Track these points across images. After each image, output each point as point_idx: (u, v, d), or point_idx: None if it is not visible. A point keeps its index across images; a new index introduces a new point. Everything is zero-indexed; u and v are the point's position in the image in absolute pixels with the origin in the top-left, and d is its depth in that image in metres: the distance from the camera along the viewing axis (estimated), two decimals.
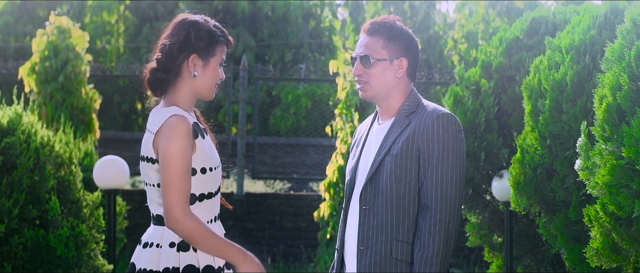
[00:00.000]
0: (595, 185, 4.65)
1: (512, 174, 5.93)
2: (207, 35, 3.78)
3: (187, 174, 3.63)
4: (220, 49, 3.81)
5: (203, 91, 3.81)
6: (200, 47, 3.77)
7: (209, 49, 3.78)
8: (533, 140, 5.77)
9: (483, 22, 19.73)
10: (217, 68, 3.81)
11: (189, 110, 3.79)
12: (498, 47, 6.96)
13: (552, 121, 5.60)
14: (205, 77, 3.79)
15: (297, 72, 17.48)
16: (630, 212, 4.47)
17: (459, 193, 3.91)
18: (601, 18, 5.73)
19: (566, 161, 5.54)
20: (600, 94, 4.76)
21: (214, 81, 3.81)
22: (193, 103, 3.84)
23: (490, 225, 7.13)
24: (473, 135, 6.77)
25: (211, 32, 3.80)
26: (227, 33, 3.88)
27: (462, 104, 6.94)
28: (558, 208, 5.76)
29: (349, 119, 10.63)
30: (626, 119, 4.55)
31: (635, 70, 4.54)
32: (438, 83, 14.71)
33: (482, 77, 6.94)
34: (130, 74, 16.54)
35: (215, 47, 3.80)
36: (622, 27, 4.80)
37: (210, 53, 3.78)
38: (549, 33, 6.61)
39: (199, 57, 3.76)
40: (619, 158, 4.49)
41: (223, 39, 3.83)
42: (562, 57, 5.74)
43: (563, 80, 5.60)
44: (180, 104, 3.75)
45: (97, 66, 15.95)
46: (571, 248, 5.60)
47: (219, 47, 3.81)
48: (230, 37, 3.88)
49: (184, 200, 3.62)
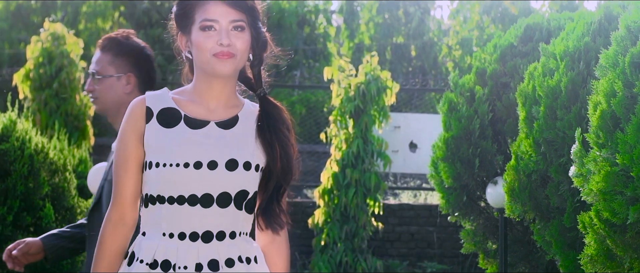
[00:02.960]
0: (589, 192, 4.65)
1: (507, 181, 5.93)
2: (179, 5, 3.09)
3: (119, 161, 3.04)
4: (199, 10, 3.02)
5: (203, 68, 3.04)
6: (178, 23, 3.10)
7: (186, 19, 3.06)
8: (527, 146, 5.77)
9: (477, 28, 19.77)
10: (200, 34, 2.99)
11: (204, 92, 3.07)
12: (492, 54, 6.97)
13: (547, 128, 5.60)
14: (195, 51, 3.02)
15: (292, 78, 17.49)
16: (624, 218, 4.47)
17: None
18: (595, 25, 5.74)
19: (560, 168, 5.54)
20: (595, 101, 4.76)
21: (204, 51, 2.99)
22: (211, 82, 3.06)
23: (484, 231, 7.13)
24: (467, 142, 6.77)
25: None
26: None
27: (456, 110, 6.94)
28: (552, 215, 5.76)
29: (343, 125, 10.64)
30: (620, 125, 4.55)
31: (630, 77, 4.54)
32: (432, 90, 14.72)
33: (477, 84, 6.95)
34: None
35: (191, 11, 3.04)
36: (616, 34, 4.80)
37: (189, 21, 3.04)
38: (543, 39, 6.62)
39: (183, 34, 3.09)
40: (613, 165, 4.49)
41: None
42: (556, 63, 5.74)
43: (557, 87, 5.61)
44: (189, 87, 3.12)
45: None
46: (566, 255, 5.60)
47: (196, 8, 3.03)
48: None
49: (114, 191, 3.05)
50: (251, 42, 3.07)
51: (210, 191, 2.98)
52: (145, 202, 3.03)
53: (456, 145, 6.85)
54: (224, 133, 3.05)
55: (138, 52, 4.12)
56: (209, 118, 3.06)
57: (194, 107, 3.07)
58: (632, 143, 4.36)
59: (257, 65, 3.13)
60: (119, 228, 3.04)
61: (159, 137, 3.00)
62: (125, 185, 3.03)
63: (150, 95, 3.08)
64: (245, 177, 3.03)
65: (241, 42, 3.03)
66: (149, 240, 3.01)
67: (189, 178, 2.97)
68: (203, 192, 2.98)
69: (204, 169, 2.97)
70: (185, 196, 2.97)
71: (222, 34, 2.98)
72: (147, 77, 4.11)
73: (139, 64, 4.09)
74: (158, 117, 3.03)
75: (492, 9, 19.43)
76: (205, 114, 3.07)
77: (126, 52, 4.09)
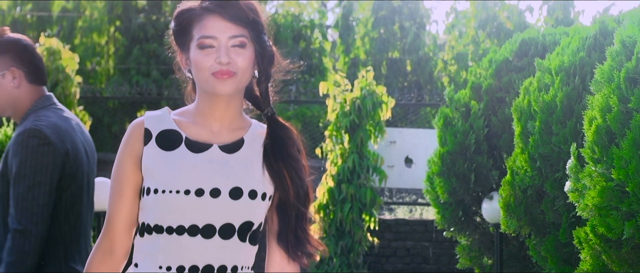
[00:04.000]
0: (585, 207, 4.64)
1: (502, 196, 5.92)
2: (176, 21, 2.83)
3: (113, 186, 2.81)
4: (197, 26, 2.77)
5: (203, 87, 2.78)
6: (177, 40, 2.85)
7: (184, 36, 2.81)
8: (523, 161, 5.77)
9: (473, 43, 19.79)
10: (198, 52, 2.74)
11: (206, 113, 2.83)
12: (488, 69, 6.98)
13: (542, 143, 5.60)
14: (194, 70, 2.76)
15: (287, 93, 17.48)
16: (620, 234, 4.46)
17: (42, 210, 3.80)
18: (590, 40, 5.74)
19: (556, 183, 5.54)
20: (590, 116, 4.76)
21: (202, 70, 2.73)
22: (213, 103, 2.80)
23: (480, 247, 7.12)
24: (463, 157, 6.77)
25: (179, 14, 2.83)
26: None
27: (452, 125, 6.94)
28: (548, 230, 5.76)
29: (339, 140, 10.64)
30: (616, 140, 4.55)
31: (625, 92, 4.54)
32: (428, 104, 14.72)
33: (472, 99, 6.95)
34: (120, 96, 16.52)
35: (189, 27, 2.79)
36: (611, 49, 4.80)
37: (187, 39, 2.79)
38: (538, 54, 6.63)
39: (182, 51, 2.83)
40: (608, 180, 4.49)
41: (194, 11, 2.80)
42: (551, 78, 5.74)
43: (553, 102, 5.61)
44: (192, 107, 2.87)
45: (87, 88, 15.95)
46: (561, 270, 5.59)
47: (193, 24, 2.78)
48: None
49: (106, 218, 2.85)
50: (255, 57, 2.81)
51: (213, 221, 2.73)
52: (141, 230, 2.78)
53: (452, 160, 6.85)
54: (228, 157, 2.80)
55: (15, 45, 4.12)
56: (211, 141, 2.81)
57: (196, 129, 2.82)
58: (627, 159, 4.35)
59: (264, 81, 2.87)
60: (107, 258, 2.81)
61: (158, 161, 2.76)
62: (118, 212, 2.79)
63: (150, 116, 2.83)
64: (250, 206, 2.77)
65: (242, 59, 2.75)
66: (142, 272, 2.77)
67: (190, 207, 2.71)
68: (205, 222, 2.72)
69: (206, 197, 2.72)
70: (185, 226, 2.72)
71: (221, 51, 2.72)
72: (32, 66, 4.10)
73: (20, 57, 4.10)
74: (157, 139, 2.79)
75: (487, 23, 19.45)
76: (208, 136, 2.82)
77: (3, 49, 4.09)
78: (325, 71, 19.89)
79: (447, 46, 20.84)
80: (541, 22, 19.30)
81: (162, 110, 2.87)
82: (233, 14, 2.75)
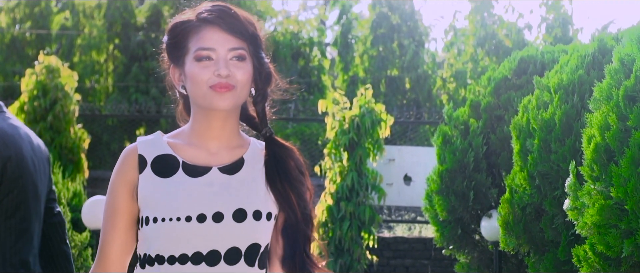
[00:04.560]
0: (584, 225, 4.64)
1: (501, 214, 5.92)
2: (170, 34, 2.69)
3: (106, 216, 2.68)
4: (194, 38, 2.63)
5: (199, 102, 2.63)
6: (170, 54, 2.70)
7: (178, 49, 2.66)
8: (522, 179, 5.77)
9: (472, 61, 19.79)
10: (195, 65, 2.59)
11: (203, 132, 2.68)
12: (487, 87, 6.98)
13: (541, 161, 5.60)
14: (190, 85, 2.62)
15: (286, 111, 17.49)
16: (619, 252, 4.46)
17: None
18: (589, 57, 5.75)
19: (555, 201, 5.53)
20: (589, 134, 4.76)
21: (199, 83, 2.59)
22: (210, 120, 2.65)
23: (479, 265, 7.11)
24: (462, 175, 6.77)
25: (173, 27, 2.69)
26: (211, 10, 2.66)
27: (450, 143, 6.94)
28: (547, 248, 5.75)
29: (338, 158, 10.63)
30: (614, 158, 4.55)
31: (624, 110, 4.54)
32: (427, 122, 14.73)
33: (471, 117, 6.96)
34: (119, 114, 16.53)
35: (184, 39, 2.65)
36: (610, 67, 4.81)
37: (182, 52, 2.64)
38: (537, 72, 6.63)
39: (176, 66, 2.68)
40: (607, 198, 4.49)
41: (190, 23, 2.66)
42: (550, 96, 5.75)
43: (551, 120, 5.61)
44: (186, 128, 2.73)
45: (86, 106, 15.97)
46: None
47: (190, 36, 2.64)
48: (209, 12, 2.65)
49: (98, 250, 2.70)
50: (253, 73, 2.65)
51: (217, 247, 2.57)
52: (141, 262, 2.62)
53: (450, 178, 6.85)
54: (229, 179, 2.65)
55: None
56: (210, 163, 2.66)
57: (192, 152, 2.66)
58: (626, 177, 4.35)
59: (261, 101, 2.70)
60: None
61: (155, 189, 2.60)
62: (111, 242, 2.64)
63: (143, 141, 2.68)
64: (255, 228, 2.62)
65: (242, 72, 2.60)
66: None
67: (192, 234, 2.56)
68: (209, 249, 2.57)
69: (208, 222, 2.57)
70: (188, 254, 2.56)
71: (220, 64, 2.56)
72: None
73: None
74: (153, 165, 2.63)
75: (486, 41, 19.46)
76: (206, 158, 2.66)
77: None
78: (324, 89, 19.90)
79: (446, 64, 20.85)
80: (540, 39, 19.30)
81: (155, 135, 2.73)
82: (233, 26, 2.62)
